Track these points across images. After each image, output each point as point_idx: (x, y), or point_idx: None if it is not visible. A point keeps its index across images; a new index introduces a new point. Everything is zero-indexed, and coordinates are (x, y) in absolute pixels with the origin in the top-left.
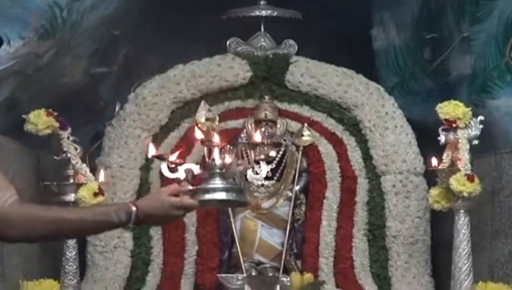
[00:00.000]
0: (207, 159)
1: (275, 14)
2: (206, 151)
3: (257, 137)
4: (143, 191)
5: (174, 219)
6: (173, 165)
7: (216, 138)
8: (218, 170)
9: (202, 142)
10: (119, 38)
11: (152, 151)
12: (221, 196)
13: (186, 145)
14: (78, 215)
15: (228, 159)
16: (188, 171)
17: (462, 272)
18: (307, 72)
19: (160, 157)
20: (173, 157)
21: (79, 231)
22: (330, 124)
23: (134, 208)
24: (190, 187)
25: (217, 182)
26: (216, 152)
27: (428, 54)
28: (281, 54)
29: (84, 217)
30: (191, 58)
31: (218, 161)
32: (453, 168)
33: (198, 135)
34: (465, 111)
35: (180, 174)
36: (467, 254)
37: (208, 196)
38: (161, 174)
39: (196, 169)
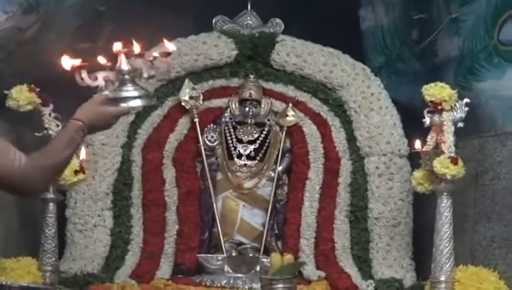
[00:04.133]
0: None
1: None
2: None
3: (170, 46)
4: (124, 170)
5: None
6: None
7: (118, 45)
8: (127, 76)
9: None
10: (105, 14)
11: (73, 62)
12: (137, 103)
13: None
14: (67, 150)
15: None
16: (107, 79)
17: (443, 255)
18: (292, 52)
19: (80, 68)
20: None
21: (69, 162)
22: (315, 104)
23: (82, 124)
24: (109, 94)
25: (129, 89)
26: (123, 58)
27: (416, 35)
28: (267, 32)
29: (70, 149)
30: (176, 36)
31: (125, 67)
32: (437, 151)
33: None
34: (451, 93)
35: (100, 81)
36: (448, 237)
37: (124, 105)
38: (142, 151)
39: (113, 75)
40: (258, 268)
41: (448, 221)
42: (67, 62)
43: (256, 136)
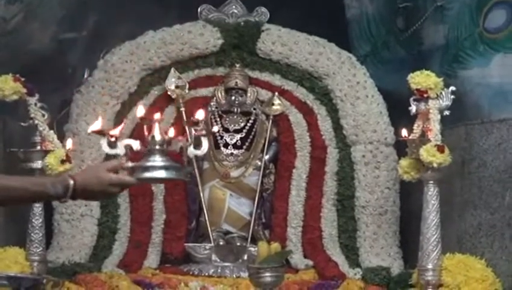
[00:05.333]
0: (147, 136)
1: None
2: (146, 128)
3: (199, 115)
4: (110, 159)
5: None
6: (113, 140)
7: (157, 115)
8: (158, 147)
9: (142, 119)
10: (89, 3)
11: (96, 126)
12: (161, 174)
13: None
14: (19, 183)
15: (169, 135)
16: (128, 147)
17: (431, 243)
18: (278, 40)
19: (101, 133)
20: (114, 132)
21: (19, 199)
22: (301, 93)
23: (71, 182)
24: (130, 164)
25: (157, 159)
26: (156, 128)
27: (401, 23)
28: (253, 21)
29: (25, 186)
30: (161, 25)
31: (158, 137)
32: (423, 139)
33: (139, 112)
34: (437, 81)
35: (120, 150)
36: (435, 225)
37: (147, 175)
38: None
39: (136, 145)
40: (245, 257)
41: (435, 209)
42: (93, 125)
43: (242, 125)
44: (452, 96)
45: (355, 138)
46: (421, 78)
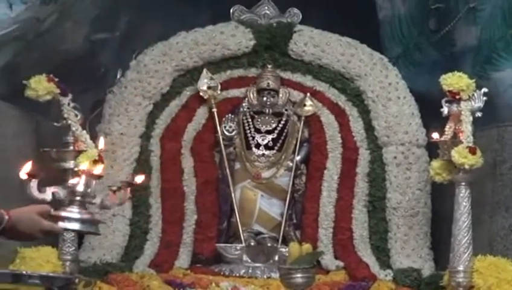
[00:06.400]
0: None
1: None
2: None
3: (138, 179)
4: (142, 159)
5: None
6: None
7: (85, 165)
8: (78, 198)
9: (82, 172)
10: (122, 3)
11: (26, 169)
12: (75, 226)
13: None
14: None
15: (91, 188)
16: (56, 194)
17: (462, 245)
18: (310, 41)
19: (31, 176)
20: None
21: None
22: (333, 94)
23: (6, 218)
24: (52, 211)
25: (74, 211)
26: (82, 180)
27: (433, 24)
28: (285, 22)
29: None
30: (194, 26)
31: (81, 189)
32: (455, 140)
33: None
34: (469, 83)
35: (48, 195)
36: (467, 227)
37: (62, 224)
38: (160, 141)
39: (62, 193)
40: (276, 258)
41: (467, 211)
42: (24, 169)
43: (274, 126)
44: (484, 98)
45: (386, 139)
46: (453, 80)
